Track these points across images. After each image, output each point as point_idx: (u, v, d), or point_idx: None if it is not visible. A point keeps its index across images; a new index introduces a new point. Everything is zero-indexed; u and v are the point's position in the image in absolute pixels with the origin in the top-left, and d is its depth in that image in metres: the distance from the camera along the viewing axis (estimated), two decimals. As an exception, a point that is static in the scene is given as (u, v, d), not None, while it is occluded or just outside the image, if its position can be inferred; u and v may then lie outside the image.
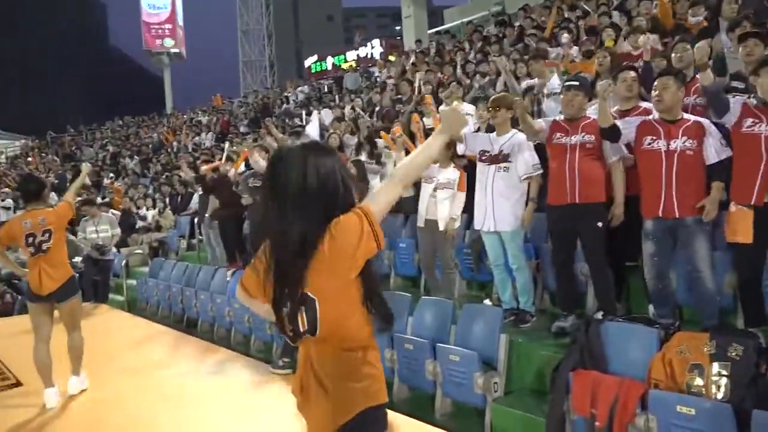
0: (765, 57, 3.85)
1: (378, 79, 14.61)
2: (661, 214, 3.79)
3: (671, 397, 3.11)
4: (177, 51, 37.02)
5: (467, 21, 17.63)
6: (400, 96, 10.03)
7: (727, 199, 3.77)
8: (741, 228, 3.60)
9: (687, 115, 3.94)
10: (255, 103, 20.12)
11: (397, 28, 34.36)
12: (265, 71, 40.83)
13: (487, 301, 5.21)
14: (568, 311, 4.45)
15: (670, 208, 3.76)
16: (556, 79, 6.36)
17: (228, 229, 7.91)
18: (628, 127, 4.02)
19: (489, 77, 8.51)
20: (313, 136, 9.70)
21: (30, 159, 23.96)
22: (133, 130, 24.50)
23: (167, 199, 12.43)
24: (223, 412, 4.48)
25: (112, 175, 17.66)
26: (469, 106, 6.89)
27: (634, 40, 6.37)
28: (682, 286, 4.13)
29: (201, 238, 9.44)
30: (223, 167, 8.12)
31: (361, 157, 7.31)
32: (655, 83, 3.91)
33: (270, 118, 11.84)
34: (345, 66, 23.67)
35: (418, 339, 4.43)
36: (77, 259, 8.74)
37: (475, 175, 4.93)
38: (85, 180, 5.55)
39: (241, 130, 16.11)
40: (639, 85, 4.51)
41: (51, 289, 4.65)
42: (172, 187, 12.59)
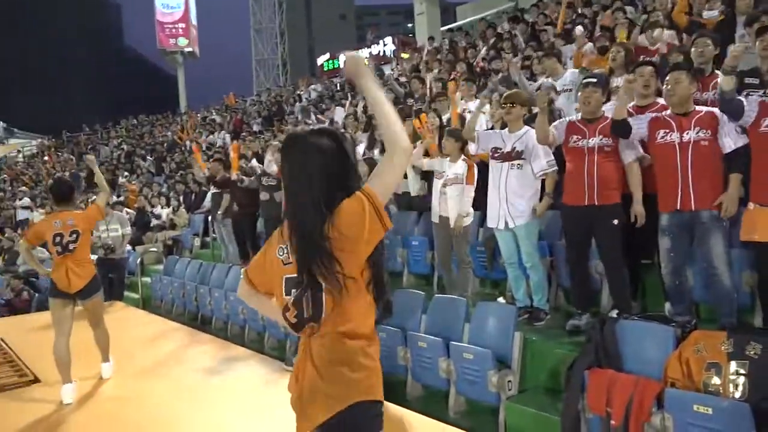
0: None
1: (391, 76, 14.58)
2: (679, 207, 3.74)
3: (688, 396, 3.08)
4: (190, 50, 37.26)
5: (480, 17, 17.55)
6: (412, 92, 9.99)
7: (746, 196, 3.71)
8: (760, 226, 3.54)
9: (699, 107, 3.89)
10: (268, 102, 20.19)
11: (410, 25, 34.30)
12: (277, 69, 40.97)
13: (500, 299, 5.19)
14: (583, 309, 4.42)
15: (687, 200, 3.72)
16: (569, 75, 6.31)
17: (242, 226, 7.95)
18: (638, 123, 3.98)
19: (502, 74, 8.46)
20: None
21: (46, 158, 24.25)
22: (147, 129, 24.69)
23: (181, 198, 12.52)
24: (238, 409, 4.50)
25: (126, 173, 17.82)
26: (473, 104, 6.86)
27: (650, 34, 6.29)
28: (698, 283, 4.08)
29: (215, 236, 9.50)
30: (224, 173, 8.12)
31: (374, 153, 7.30)
32: (668, 77, 3.87)
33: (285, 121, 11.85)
34: (357, 64, 23.62)
35: (432, 337, 4.42)
36: (92, 257, 8.81)
37: (488, 173, 4.91)
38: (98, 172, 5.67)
39: (254, 128, 16.17)
40: (656, 81, 4.46)
41: (79, 287, 4.84)
42: (186, 186, 12.68)
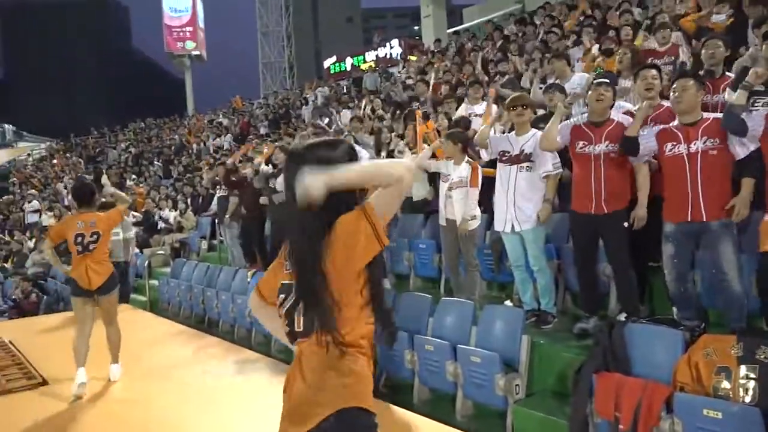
0: None
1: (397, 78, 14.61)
2: (689, 218, 3.70)
3: (697, 401, 3.06)
4: (198, 53, 37.41)
5: (487, 20, 17.54)
6: (417, 95, 9.99)
7: (759, 201, 3.67)
8: None
9: (707, 114, 3.85)
10: (275, 105, 20.25)
11: (416, 28, 34.35)
12: (284, 72, 41.07)
13: (507, 302, 5.18)
14: (591, 313, 4.40)
15: (698, 211, 3.68)
16: (577, 77, 6.29)
17: (250, 230, 7.96)
18: (647, 139, 3.96)
19: (508, 76, 8.45)
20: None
21: (55, 161, 24.39)
22: (155, 132, 24.80)
23: (189, 200, 12.56)
24: (245, 412, 4.50)
25: (134, 176, 17.90)
26: (480, 107, 6.85)
27: (661, 36, 6.26)
28: (706, 288, 4.05)
29: (222, 239, 9.52)
30: (243, 167, 8.14)
31: (381, 157, 7.30)
32: (675, 84, 3.84)
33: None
34: (364, 66, 23.66)
35: (439, 340, 4.41)
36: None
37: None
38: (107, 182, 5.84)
39: (261, 131, 16.23)
40: (661, 84, 4.44)
41: (98, 284, 5.08)
42: (194, 188, 12.72)
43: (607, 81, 4.35)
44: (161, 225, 11.95)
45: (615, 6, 9.63)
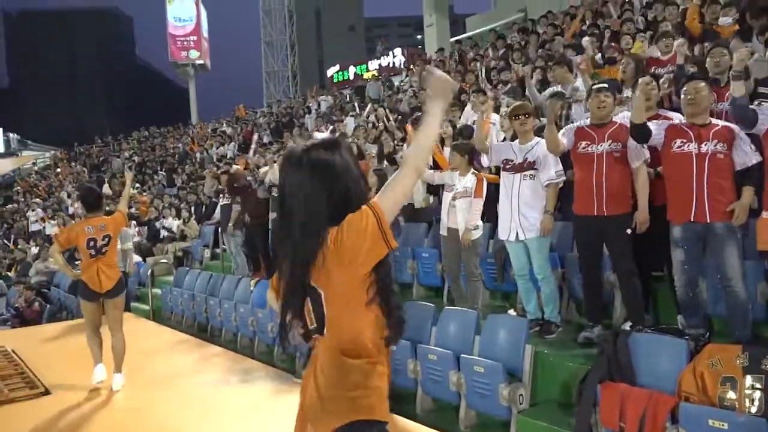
0: None
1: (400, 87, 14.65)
2: (693, 218, 3.70)
3: (703, 411, 3.03)
4: (202, 62, 37.59)
5: (489, 29, 17.59)
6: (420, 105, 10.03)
7: (758, 207, 3.68)
8: None
9: (715, 120, 3.87)
10: (278, 113, 20.30)
11: (419, 36, 34.48)
12: (287, 81, 41.22)
13: (511, 312, 5.15)
14: (595, 322, 4.37)
15: (702, 212, 3.68)
16: (579, 83, 6.29)
17: (254, 237, 7.95)
18: (657, 129, 3.95)
19: (511, 85, 8.45)
20: None
21: (59, 170, 24.48)
22: (159, 140, 24.88)
23: (192, 208, 12.56)
24: (247, 421, 4.48)
25: (138, 185, 17.94)
26: (495, 116, 6.85)
27: (663, 44, 6.26)
28: (711, 296, 4.03)
29: (225, 247, 9.51)
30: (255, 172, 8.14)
31: (384, 165, 7.30)
32: (686, 87, 3.84)
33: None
34: (367, 75, 23.73)
35: (442, 350, 4.39)
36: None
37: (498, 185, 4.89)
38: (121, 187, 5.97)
39: (264, 140, 16.25)
40: (658, 93, 4.44)
41: (109, 287, 5.24)
42: (198, 197, 12.72)
43: (606, 86, 4.34)
44: (164, 233, 11.96)
45: (617, 14, 9.66)
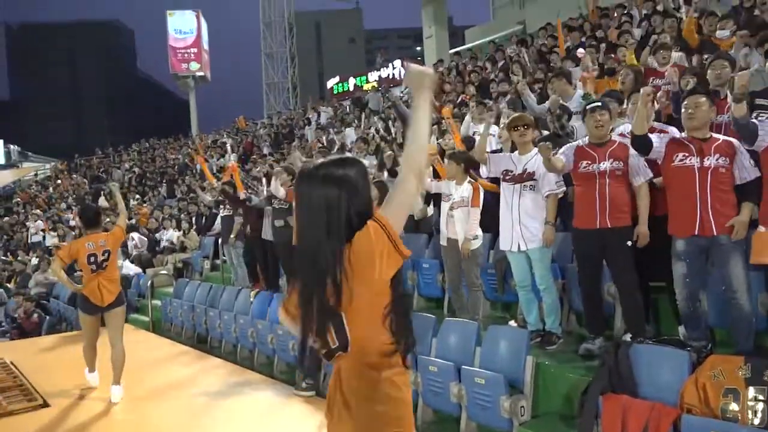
0: None
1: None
2: (698, 232, 3.69)
3: (705, 423, 3.02)
4: (202, 74, 37.74)
5: (488, 40, 17.68)
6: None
7: (756, 221, 3.68)
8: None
9: (716, 135, 3.88)
10: (278, 125, 20.36)
11: (419, 48, 34.63)
12: (288, 93, 41.35)
13: (512, 323, 5.13)
14: (596, 333, 4.35)
15: (708, 225, 3.66)
16: (579, 95, 6.30)
17: (254, 249, 7.93)
18: (659, 142, 3.95)
19: (510, 96, 8.48)
20: None
21: (59, 181, 24.50)
22: (160, 152, 24.92)
23: (193, 219, 12.54)
24: (247, 434, 4.46)
25: (138, 196, 17.95)
26: (494, 127, 6.86)
27: (661, 56, 6.28)
28: (712, 307, 4.02)
29: (225, 258, 9.50)
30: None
31: (383, 175, 7.30)
32: (686, 101, 3.84)
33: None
34: (367, 87, 23.82)
35: (443, 361, 4.37)
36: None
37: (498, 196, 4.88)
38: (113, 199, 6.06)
39: (264, 151, 16.28)
40: (653, 106, 4.44)
41: (110, 301, 5.41)
42: (198, 207, 12.69)
43: (600, 104, 4.34)
44: (164, 245, 11.94)
45: (615, 26, 9.71)
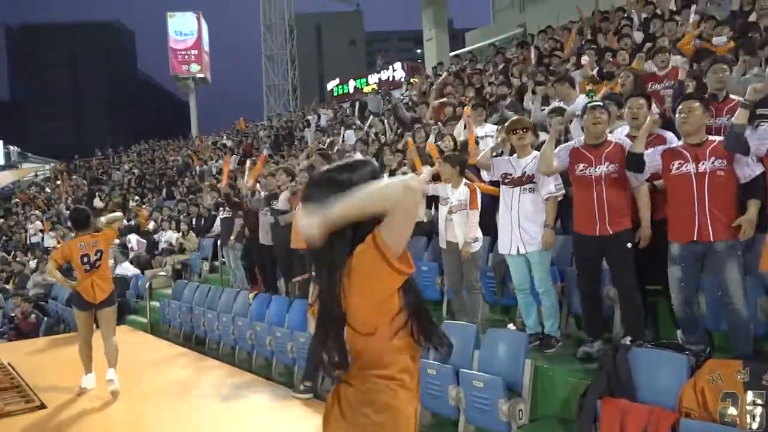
0: None
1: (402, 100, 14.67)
2: (696, 238, 3.69)
3: (704, 427, 3.02)
4: (202, 76, 37.80)
5: (489, 43, 17.70)
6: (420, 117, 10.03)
7: (762, 223, 3.67)
8: None
9: (712, 137, 3.88)
10: (278, 127, 20.37)
11: (419, 51, 34.69)
12: (288, 95, 41.38)
13: (510, 326, 5.13)
14: (595, 336, 4.35)
15: (705, 231, 3.66)
16: (581, 101, 6.30)
17: (251, 252, 7.92)
18: (651, 157, 3.96)
19: (510, 99, 8.48)
20: None
21: (59, 182, 24.49)
22: (159, 153, 24.92)
23: (193, 220, 12.52)
24: (244, 436, 4.45)
25: (137, 197, 17.94)
26: (490, 127, 6.87)
27: (659, 60, 6.29)
28: (711, 312, 4.01)
29: (224, 260, 9.49)
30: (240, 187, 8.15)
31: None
32: (680, 106, 3.86)
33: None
34: (367, 89, 23.84)
35: (441, 364, 4.36)
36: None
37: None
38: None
39: (264, 153, 16.26)
40: (648, 112, 4.44)
41: (102, 299, 5.61)
42: (199, 208, 12.67)
43: (601, 104, 4.35)
44: (163, 246, 11.93)
45: (615, 29, 9.71)
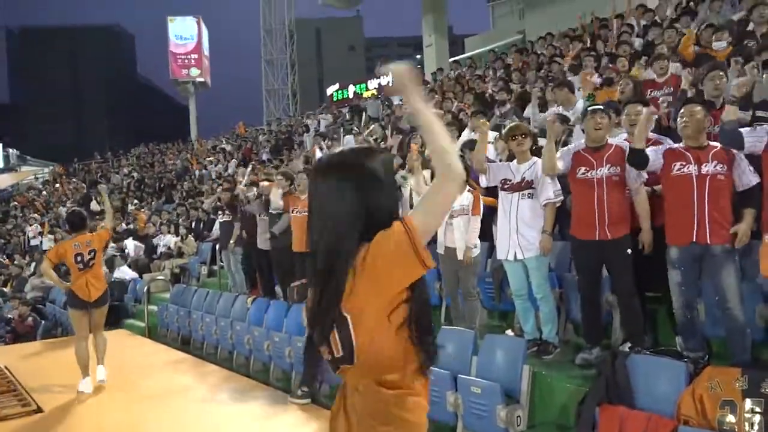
0: None
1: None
2: (695, 240, 3.70)
3: (702, 435, 3.00)
4: (202, 80, 37.85)
5: (488, 49, 17.74)
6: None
7: (757, 229, 3.68)
8: None
9: (713, 143, 3.89)
10: (278, 131, 20.38)
11: (418, 56, 34.74)
12: (287, 99, 41.43)
13: (509, 332, 5.12)
14: (593, 343, 4.34)
15: (703, 233, 3.68)
16: (581, 105, 6.32)
17: (251, 256, 7.91)
18: (654, 155, 3.96)
19: (510, 105, 8.48)
20: None
21: (57, 185, 24.48)
22: (159, 157, 24.92)
23: (192, 224, 12.50)
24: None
25: (136, 201, 17.93)
26: (492, 133, 6.86)
27: (658, 67, 6.30)
28: (709, 318, 4.01)
29: (222, 264, 9.47)
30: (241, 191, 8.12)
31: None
32: (682, 110, 3.87)
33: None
34: (366, 94, 23.88)
35: (439, 370, 4.33)
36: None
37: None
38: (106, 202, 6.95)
39: (263, 157, 16.28)
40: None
41: (96, 297, 5.79)
42: (198, 212, 12.65)
43: (602, 108, 4.37)
44: (161, 250, 11.91)
45: (614, 37, 9.74)
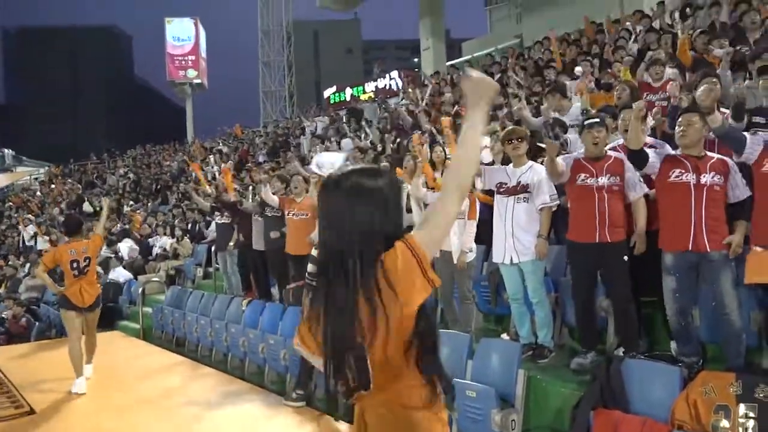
0: None
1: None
2: (692, 248, 3.71)
3: (696, 440, 3.01)
4: (199, 81, 37.83)
5: (485, 53, 17.79)
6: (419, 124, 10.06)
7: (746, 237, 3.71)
8: (765, 269, 3.52)
9: (710, 153, 3.91)
10: (274, 133, 20.37)
11: (416, 60, 34.78)
12: (284, 101, 41.42)
13: (504, 336, 5.12)
14: (588, 348, 4.35)
15: (701, 241, 3.69)
16: (576, 110, 6.34)
17: (247, 258, 7.89)
18: (655, 158, 3.98)
19: (507, 110, 8.50)
20: None
21: (53, 186, 24.40)
22: (155, 158, 24.87)
23: (189, 225, 12.47)
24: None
25: (132, 202, 17.89)
26: (485, 138, 6.87)
27: (654, 72, 6.32)
28: (704, 323, 4.02)
29: (218, 266, 9.45)
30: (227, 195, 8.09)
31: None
32: (680, 119, 3.88)
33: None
34: (363, 97, 23.87)
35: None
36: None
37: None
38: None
39: (259, 159, 16.26)
40: (645, 121, 4.46)
41: (90, 302, 5.94)
42: (194, 213, 12.62)
43: (598, 121, 4.37)
44: (157, 251, 11.88)
45: (611, 41, 9.76)
